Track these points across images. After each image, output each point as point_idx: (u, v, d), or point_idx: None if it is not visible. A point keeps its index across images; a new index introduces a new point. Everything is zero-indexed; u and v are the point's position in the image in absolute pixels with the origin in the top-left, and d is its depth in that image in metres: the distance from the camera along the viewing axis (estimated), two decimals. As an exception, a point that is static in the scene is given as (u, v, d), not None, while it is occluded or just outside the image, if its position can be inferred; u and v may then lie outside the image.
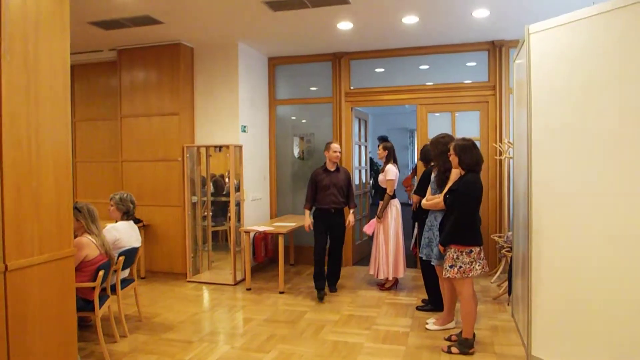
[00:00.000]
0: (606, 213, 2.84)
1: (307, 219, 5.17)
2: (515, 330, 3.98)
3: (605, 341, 2.87)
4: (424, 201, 4.10)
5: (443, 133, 4.15)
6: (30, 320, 2.48)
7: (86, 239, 3.55)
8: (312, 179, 5.15)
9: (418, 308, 4.62)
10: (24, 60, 2.46)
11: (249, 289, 5.35)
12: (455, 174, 3.65)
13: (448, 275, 3.55)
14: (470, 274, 3.48)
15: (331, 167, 5.10)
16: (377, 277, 5.25)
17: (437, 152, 3.94)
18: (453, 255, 3.52)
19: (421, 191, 4.45)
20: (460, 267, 3.48)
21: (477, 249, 3.50)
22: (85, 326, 4.02)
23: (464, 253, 3.48)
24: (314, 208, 5.21)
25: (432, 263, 4.08)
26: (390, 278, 5.20)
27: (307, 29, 5.34)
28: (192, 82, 6.01)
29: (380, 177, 5.24)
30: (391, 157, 5.23)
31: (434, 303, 4.53)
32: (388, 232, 5.16)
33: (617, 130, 2.79)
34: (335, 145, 5.11)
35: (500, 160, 5.70)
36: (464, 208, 3.46)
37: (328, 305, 4.74)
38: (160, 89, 5.81)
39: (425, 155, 4.76)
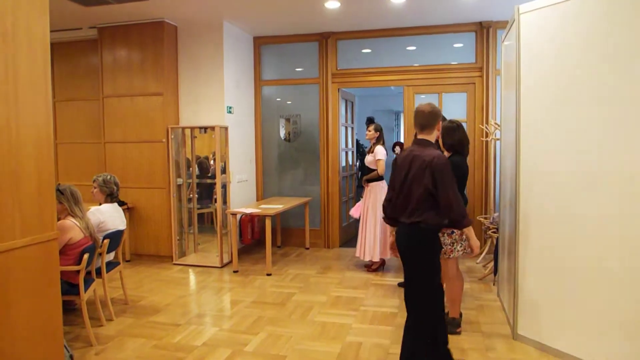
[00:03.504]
0: (596, 193, 2.86)
1: (475, 239, 2.99)
2: (501, 309, 4.04)
3: (591, 321, 2.92)
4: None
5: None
6: (15, 304, 2.42)
7: (70, 221, 3.48)
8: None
9: (400, 284, 4.69)
10: (2, 39, 2.36)
11: (236, 271, 5.33)
12: (446, 155, 3.64)
13: None
14: (452, 255, 3.51)
15: None
16: (363, 258, 5.27)
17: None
18: None
19: None
20: (441, 248, 3.50)
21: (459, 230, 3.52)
22: (70, 310, 3.96)
23: (445, 234, 3.50)
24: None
25: None
26: (376, 259, 5.22)
27: (294, 8, 5.23)
28: (177, 61, 5.87)
29: (369, 157, 5.23)
30: (381, 139, 5.25)
31: None
32: (376, 214, 5.17)
33: (608, 111, 2.79)
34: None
35: (487, 142, 5.72)
36: None
37: (316, 287, 4.75)
38: (144, 69, 5.67)
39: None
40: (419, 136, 2.85)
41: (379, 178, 5.19)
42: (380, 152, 5.14)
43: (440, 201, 2.66)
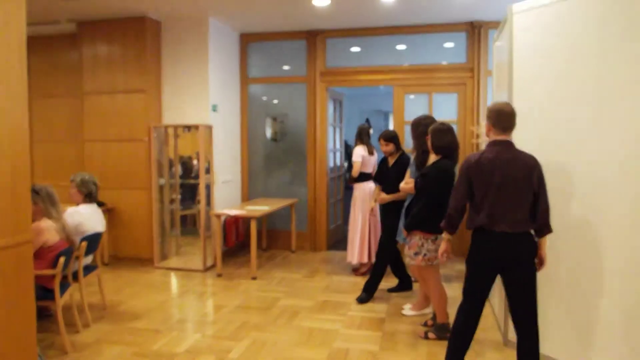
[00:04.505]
0: (587, 195, 2.83)
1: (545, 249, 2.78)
2: (492, 314, 3.98)
3: (578, 327, 2.89)
4: (402, 184, 4.00)
5: (425, 114, 4.07)
6: (-18, 312, 2.28)
7: (45, 223, 3.33)
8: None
9: (390, 290, 4.62)
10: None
11: (219, 275, 5.19)
12: (432, 158, 3.56)
13: (413, 263, 3.52)
14: (435, 262, 3.46)
15: None
16: (354, 262, 5.15)
17: (417, 133, 3.85)
18: (418, 243, 3.49)
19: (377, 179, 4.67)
20: (425, 254, 3.46)
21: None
22: (45, 316, 3.79)
23: (429, 240, 3.45)
24: None
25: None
26: (355, 262, 5.12)
27: (282, 4, 5.11)
28: (159, 58, 5.71)
29: None
30: (357, 139, 5.22)
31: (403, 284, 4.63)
32: (357, 215, 5.09)
33: (601, 111, 2.76)
34: None
35: (478, 144, 5.67)
36: (431, 194, 3.39)
37: (302, 291, 4.64)
38: (125, 65, 5.50)
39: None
40: (500, 138, 2.63)
41: (366, 178, 5.10)
42: (355, 153, 5.12)
43: (541, 205, 2.55)
